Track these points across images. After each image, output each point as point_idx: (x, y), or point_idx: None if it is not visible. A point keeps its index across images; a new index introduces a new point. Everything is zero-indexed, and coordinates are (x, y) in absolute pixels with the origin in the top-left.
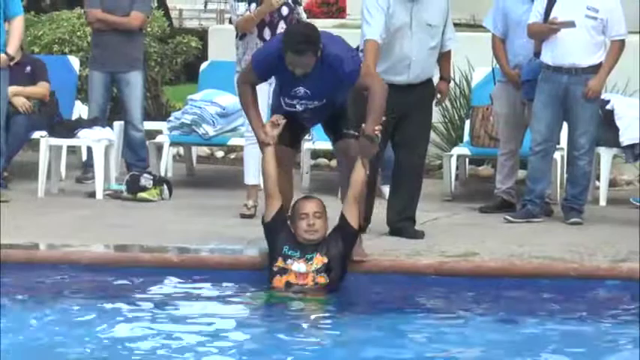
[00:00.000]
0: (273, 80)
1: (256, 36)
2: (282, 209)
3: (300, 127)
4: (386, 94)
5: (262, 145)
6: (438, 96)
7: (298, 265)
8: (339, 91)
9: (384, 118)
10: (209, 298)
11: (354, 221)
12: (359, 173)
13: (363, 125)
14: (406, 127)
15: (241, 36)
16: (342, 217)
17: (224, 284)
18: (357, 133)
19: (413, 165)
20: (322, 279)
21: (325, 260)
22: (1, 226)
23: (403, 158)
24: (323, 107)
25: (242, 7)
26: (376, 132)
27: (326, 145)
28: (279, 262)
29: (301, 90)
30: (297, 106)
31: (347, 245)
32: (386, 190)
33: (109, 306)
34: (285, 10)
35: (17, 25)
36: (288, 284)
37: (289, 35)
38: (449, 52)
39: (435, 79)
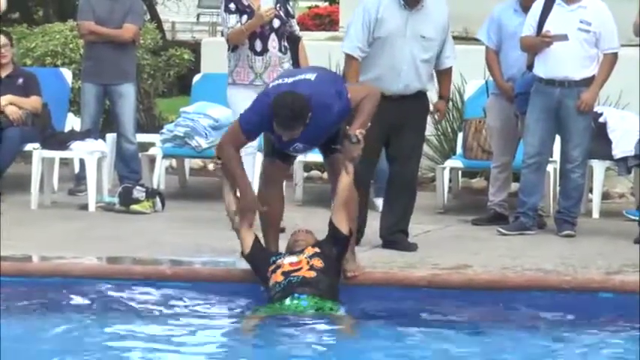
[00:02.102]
0: None
1: (247, 48)
2: (256, 239)
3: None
4: (377, 101)
5: (243, 211)
6: (436, 116)
7: (289, 258)
8: (334, 128)
9: (369, 124)
10: (201, 310)
11: (343, 227)
12: (344, 179)
13: (347, 127)
14: (399, 141)
15: (233, 48)
16: (331, 224)
17: (216, 296)
18: None
19: (406, 178)
20: (318, 262)
21: (317, 249)
22: None
23: (396, 172)
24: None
25: (233, 20)
26: (358, 134)
27: (318, 157)
28: (270, 268)
29: (299, 145)
30: (297, 155)
31: (340, 250)
32: (379, 202)
33: (100, 318)
34: (276, 23)
35: None
36: (285, 273)
37: (278, 111)
38: (448, 70)
39: (433, 96)
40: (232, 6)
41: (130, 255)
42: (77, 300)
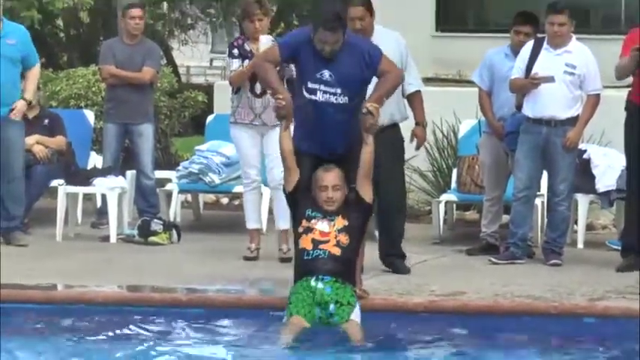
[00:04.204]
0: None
1: (248, 90)
2: (300, 180)
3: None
4: (398, 83)
5: (279, 114)
6: (415, 142)
7: (322, 224)
8: (359, 84)
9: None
10: (213, 335)
11: (367, 196)
12: (366, 150)
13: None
14: (380, 173)
15: (236, 90)
16: (357, 194)
17: (228, 322)
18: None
19: (392, 206)
20: (344, 238)
21: (346, 222)
22: (22, 268)
23: (382, 202)
24: (341, 108)
25: (236, 64)
26: (369, 107)
27: None
28: (304, 223)
29: (326, 74)
30: (319, 94)
31: (364, 218)
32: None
33: (121, 342)
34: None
35: (34, 73)
36: (315, 242)
37: (322, 13)
38: (417, 97)
39: (411, 125)
40: (235, 52)
41: (148, 283)
42: (100, 325)
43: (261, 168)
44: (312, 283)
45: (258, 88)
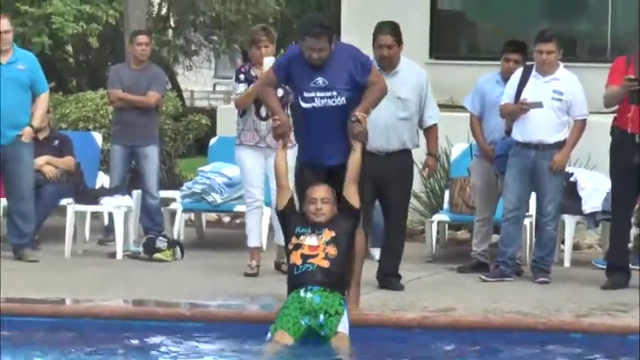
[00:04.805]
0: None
1: (254, 114)
2: (292, 198)
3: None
4: (383, 94)
5: (276, 133)
6: (425, 171)
7: (310, 239)
8: (353, 84)
9: (371, 110)
10: (215, 348)
11: (354, 200)
12: (354, 156)
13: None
14: (387, 194)
15: (242, 113)
16: (344, 199)
17: (229, 336)
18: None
19: (396, 227)
20: (332, 250)
21: (333, 234)
22: (32, 283)
23: (387, 222)
24: (340, 110)
25: (241, 88)
26: (358, 115)
27: None
28: (293, 240)
29: (319, 80)
30: (317, 101)
31: (352, 223)
32: (375, 252)
33: (127, 355)
34: (280, 92)
35: (42, 100)
36: (303, 257)
37: (305, 23)
38: (433, 129)
39: (422, 154)
40: (242, 77)
41: (152, 298)
42: (106, 338)
43: (264, 188)
44: (302, 294)
45: (263, 111)
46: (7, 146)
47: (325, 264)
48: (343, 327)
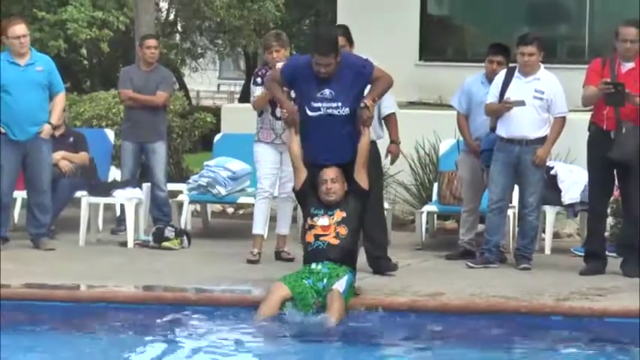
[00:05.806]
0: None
1: (270, 114)
2: (307, 179)
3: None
4: (390, 85)
5: (288, 121)
6: (389, 157)
7: (323, 220)
8: (357, 96)
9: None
10: (219, 330)
11: (364, 183)
12: (364, 140)
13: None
14: None
15: (260, 114)
16: (354, 182)
17: (233, 318)
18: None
19: (373, 216)
20: (343, 229)
21: (344, 214)
22: (49, 270)
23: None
24: (343, 119)
25: (258, 91)
26: (367, 102)
27: None
28: (309, 221)
29: (327, 92)
30: (323, 110)
31: (362, 204)
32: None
33: (138, 336)
34: (293, 94)
35: (59, 99)
36: (316, 236)
37: (315, 39)
38: (392, 118)
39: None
40: (259, 80)
41: (161, 284)
42: (118, 321)
43: (274, 182)
44: (313, 266)
45: (278, 111)
46: (28, 142)
47: (335, 242)
48: (339, 285)
